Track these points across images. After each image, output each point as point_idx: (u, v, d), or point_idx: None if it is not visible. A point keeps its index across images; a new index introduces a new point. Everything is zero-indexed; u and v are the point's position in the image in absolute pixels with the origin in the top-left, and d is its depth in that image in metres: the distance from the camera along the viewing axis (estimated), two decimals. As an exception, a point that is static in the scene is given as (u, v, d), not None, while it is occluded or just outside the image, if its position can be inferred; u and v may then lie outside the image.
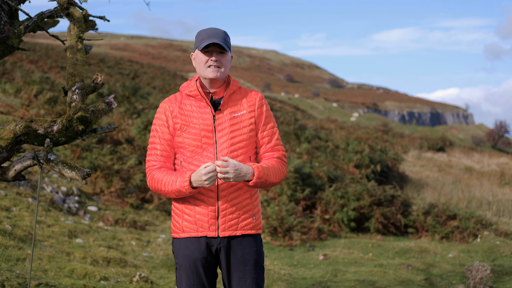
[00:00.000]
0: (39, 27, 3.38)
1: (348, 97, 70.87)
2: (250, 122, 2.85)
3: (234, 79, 2.92)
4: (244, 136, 2.82)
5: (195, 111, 2.82)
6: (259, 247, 2.88)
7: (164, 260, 6.25)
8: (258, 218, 2.89)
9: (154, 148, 2.86)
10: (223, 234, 2.79)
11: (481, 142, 43.79)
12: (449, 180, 16.84)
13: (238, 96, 2.88)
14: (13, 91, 14.19)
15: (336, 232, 9.68)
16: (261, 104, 2.89)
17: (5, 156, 2.85)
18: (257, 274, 2.84)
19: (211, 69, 2.78)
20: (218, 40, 2.76)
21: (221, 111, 2.82)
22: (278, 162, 2.88)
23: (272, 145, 2.90)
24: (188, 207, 2.81)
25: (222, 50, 2.80)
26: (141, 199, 9.81)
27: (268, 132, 2.89)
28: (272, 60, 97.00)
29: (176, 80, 32.22)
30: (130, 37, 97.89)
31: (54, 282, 4.61)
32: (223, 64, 2.80)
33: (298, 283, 6.08)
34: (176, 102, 2.86)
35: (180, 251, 2.84)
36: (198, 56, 2.82)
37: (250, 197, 2.85)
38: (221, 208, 2.78)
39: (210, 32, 2.80)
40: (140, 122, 13.94)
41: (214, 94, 2.84)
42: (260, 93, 2.94)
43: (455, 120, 79.39)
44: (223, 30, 2.83)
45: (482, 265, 5.84)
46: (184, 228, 2.83)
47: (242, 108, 2.85)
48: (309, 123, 28.59)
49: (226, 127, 2.80)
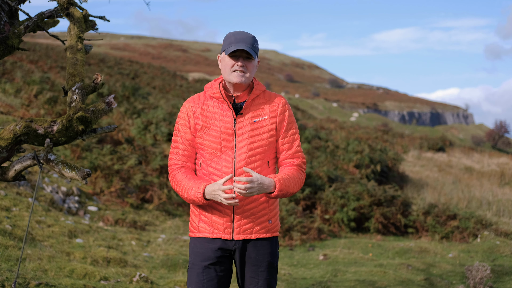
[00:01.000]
0: (39, 27, 3.38)
1: (348, 97, 70.83)
2: (271, 128, 2.83)
3: (259, 82, 2.90)
4: (264, 142, 2.80)
5: (217, 113, 2.81)
6: (274, 249, 2.88)
7: (164, 260, 6.25)
8: (275, 221, 2.88)
9: (177, 148, 2.87)
10: (237, 237, 2.80)
11: (481, 142, 43.77)
12: (449, 180, 16.83)
13: (261, 101, 2.86)
14: (13, 91, 14.19)
15: (336, 232, 9.68)
16: (284, 110, 2.87)
17: (5, 156, 2.85)
18: (269, 276, 2.85)
19: (236, 73, 2.76)
20: (246, 46, 2.73)
21: (242, 115, 2.80)
22: (298, 170, 2.87)
23: (293, 151, 2.88)
24: (205, 209, 2.83)
25: (249, 56, 2.77)
26: (141, 199, 9.81)
27: (289, 139, 2.87)
28: (272, 60, 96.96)
29: (176, 80, 32.22)
30: (130, 37, 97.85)
31: (54, 282, 4.60)
32: (249, 69, 2.78)
33: (298, 283, 6.08)
34: (199, 103, 2.84)
35: (194, 249, 2.86)
36: (224, 59, 2.80)
37: (266, 201, 2.84)
38: (236, 212, 2.79)
39: (238, 37, 2.76)
40: (140, 122, 13.93)
41: (237, 98, 2.82)
42: (284, 99, 2.91)
43: (455, 120, 79.36)
44: (252, 35, 2.79)
45: (482, 265, 5.84)
46: (200, 229, 2.85)
47: (264, 113, 2.83)
48: (309, 123, 28.57)
49: (246, 131, 2.79)
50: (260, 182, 2.68)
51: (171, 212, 9.75)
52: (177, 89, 27.01)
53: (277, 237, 2.94)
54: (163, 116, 14.86)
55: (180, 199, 10.28)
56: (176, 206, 10.15)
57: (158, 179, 10.71)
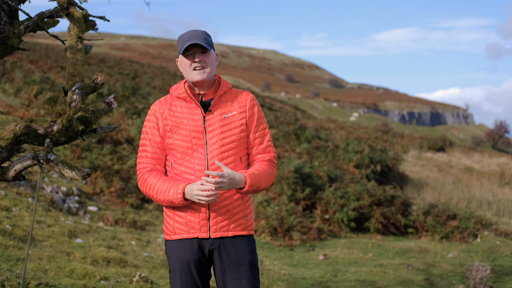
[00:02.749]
0: (39, 27, 3.38)
1: (348, 97, 70.85)
2: (241, 123, 2.82)
3: (224, 80, 2.90)
4: (235, 137, 2.80)
5: (185, 112, 2.80)
6: (253, 247, 2.87)
7: (164, 260, 6.26)
8: (250, 219, 2.87)
9: (145, 151, 2.85)
10: (214, 235, 2.78)
11: (481, 142, 43.77)
12: (449, 180, 16.83)
13: (229, 97, 2.86)
14: (13, 91, 14.19)
15: (336, 232, 9.68)
16: (253, 105, 2.87)
17: (5, 156, 2.85)
18: (252, 275, 2.82)
19: (197, 71, 2.76)
20: (198, 40, 2.74)
21: (211, 112, 2.80)
22: (269, 165, 2.87)
23: (264, 146, 2.88)
24: (180, 209, 2.81)
25: (205, 50, 2.77)
26: (141, 199, 9.81)
27: (260, 134, 2.87)
28: (272, 60, 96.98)
29: (176, 80, 32.22)
30: (130, 37, 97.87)
31: (54, 282, 4.61)
32: (208, 63, 2.78)
33: (298, 283, 6.09)
34: (166, 104, 2.84)
35: (173, 253, 2.83)
36: (182, 60, 2.80)
37: (241, 198, 2.83)
38: (212, 210, 2.77)
39: (189, 35, 2.77)
40: (140, 122, 13.94)
41: (204, 96, 2.82)
42: (252, 94, 2.91)
43: (455, 120, 79.39)
44: (202, 30, 2.80)
45: (482, 265, 5.84)
46: (175, 230, 2.82)
47: (232, 109, 2.83)
48: (309, 123, 28.58)
49: (217, 128, 2.78)
50: (231, 178, 2.67)
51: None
52: (177, 89, 26.98)
53: (253, 236, 2.92)
54: (163, 116, 14.86)
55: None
56: (176, 206, 10.15)
57: (158, 179, 10.72)
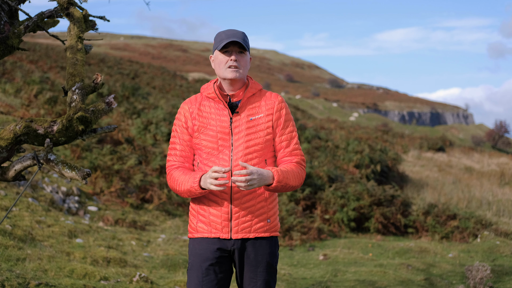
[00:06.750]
0: (39, 27, 3.38)
1: (348, 97, 70.82)
2: (267, 125, 2.82)
3: (254, 81, 2.90)
4: (260, 139, 2.80)
5: (213, 113, 2.82)
6: (273, 249, 2.86)
7: (164, 260, 6.25)
8: (274, 220, 2.86)
9: (174, 149, 2.88)
10: (236, 236, 2.78)
11: (481, 142, 43.76)
12: (449, 180, 16.83)
13: (257, 99, 2.86)
14: (13, 91, 14.19)
15: (336, 232, 9.68)
16: (280, 107, 2.86)
17: (5, 156, 2.85)
18: (268, 276, 2.83)
19: (231, 69, 2.77)
20: (237, 38, 2.76)
21: (238, 114, 2.81)
22: (297, 166, 2.85)
23: (290, 149, 2.87)
24: (203, 208, 2.82)
25: (242, 50, 2.79)
26: (141, 199, 9.81)
27: (286, 137, 2.86)
28: (272, 60, 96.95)
29: (176, 80, 32.21)
30: (130, 37, 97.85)
31: (54, 282, 4.60)
32: (242, 65, 2.80)
33: (298, 283, 6.09)
34: (196, 104, 2.86)
35: (193, 250, 2.85)
36: (217, 57, 2.81)
37: (264, 200, 2.83)
38: (234, 211, 2.77)
39: (229, 33, 2.79)
40: (140, 122, 13.93)
41: (233, 97, 2.83)
42: (281, 96, 2.90)
43: (455, 120, 79.36)
44: (242, 31, 2.82)
45: (482, 265, 5.84)
46: (198, 229, 2.84)
47: (260, 111, 2.83)
48: (309, 123, 28.56)
49: (243, 130, 2.79)
50: (259, 173, 2.67)
51: (171, 212, 9.75)
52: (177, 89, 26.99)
53: (277, 238, 2.92)
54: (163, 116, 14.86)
55: (180, 199, 10.28)
56: (176, 206, 10.15)
57: (158, 179, 10.71)
